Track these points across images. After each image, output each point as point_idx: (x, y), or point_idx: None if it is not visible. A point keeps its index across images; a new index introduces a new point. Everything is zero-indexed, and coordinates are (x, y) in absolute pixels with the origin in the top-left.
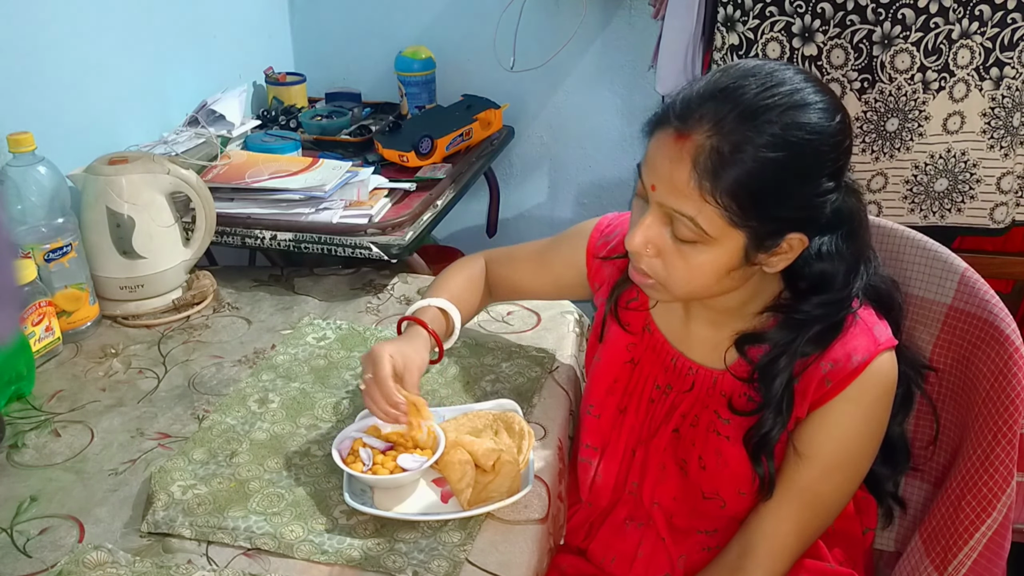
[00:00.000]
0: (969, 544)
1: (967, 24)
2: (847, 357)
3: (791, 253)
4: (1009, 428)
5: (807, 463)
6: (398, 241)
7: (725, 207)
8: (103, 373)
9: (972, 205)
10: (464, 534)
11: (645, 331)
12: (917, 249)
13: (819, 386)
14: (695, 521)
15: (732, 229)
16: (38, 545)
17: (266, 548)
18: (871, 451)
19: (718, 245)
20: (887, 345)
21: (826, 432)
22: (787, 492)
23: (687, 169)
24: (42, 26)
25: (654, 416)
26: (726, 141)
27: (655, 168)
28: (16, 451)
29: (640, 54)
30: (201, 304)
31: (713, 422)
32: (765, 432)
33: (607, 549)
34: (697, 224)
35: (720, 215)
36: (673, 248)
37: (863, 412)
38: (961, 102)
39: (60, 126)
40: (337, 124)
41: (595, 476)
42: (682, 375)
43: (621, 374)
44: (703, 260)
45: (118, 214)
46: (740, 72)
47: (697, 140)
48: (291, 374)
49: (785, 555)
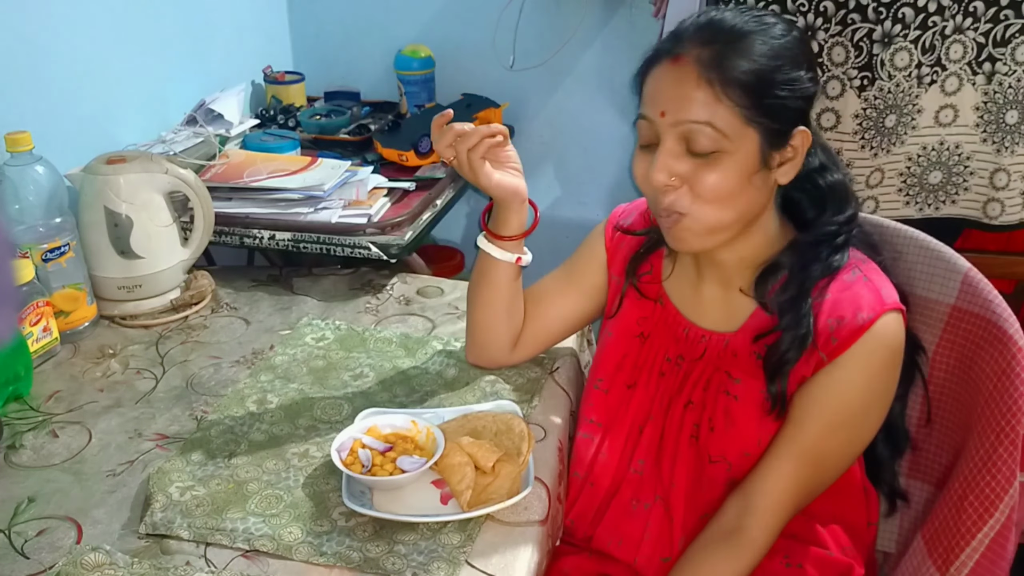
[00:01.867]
0: (971, 545)
1: (960, 19)
2: (853, 314)
3: (797, 157)
4: (1012, 428)
5: (811, 420)
6: (397, 241)
7: (736, 101)
8: (101, 374)
9: (966, 196)
10: (464, 536)
11: (657, 303)
12: (920, 249)
13: (825, 343)
14: (703, 498)
15: (746, 127)
16: (36, 546)
17: (265, 550)
18: (876, 412)
19: (736, 149)
20: (894, 306)
21: (831, 389)
22: (789, 448)
23: (693, 77)
24: (40, 25)
25: (664, 390)
26: (719, 44)
27: (660, 95)
28: (14, 452)
29: (641, 52)
30: (199, 304)
31: (724, 382)
32: (784, 350)
33: (613, 532)
34: (714, 127)
35: (732, 112)
36: (694, 169)
37: (870, 370)
38: (953, 95)
39: (58, 125)
40: (336, 123)
41: (597, 454)
42: (693, 344)
43: (631, 349)
44: (726, 168)
45: (116, 214)
46: (710, 11)
47: (694, 53)
48: (290, 375)
49: (783, 512)
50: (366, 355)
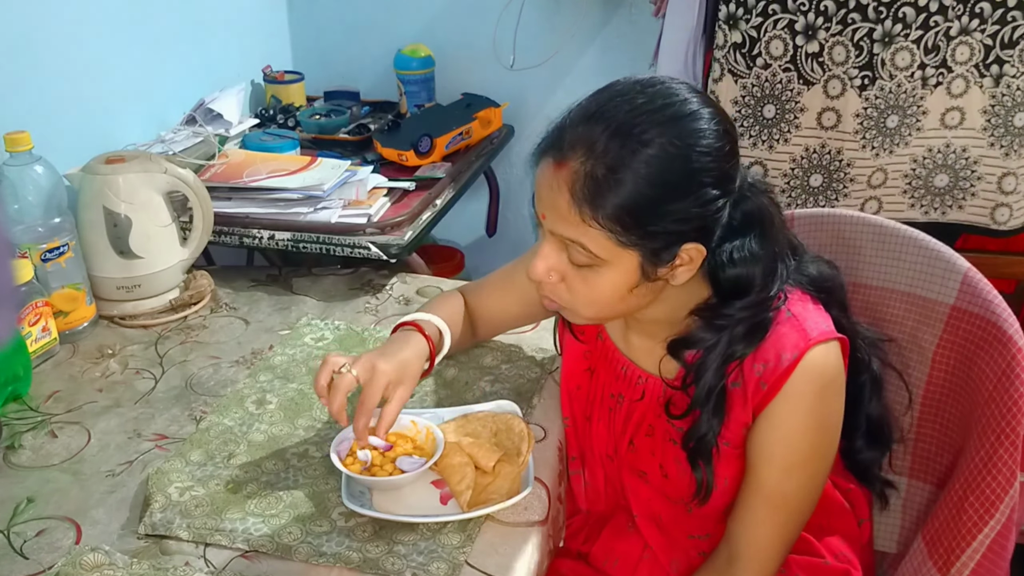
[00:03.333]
0: (972, 545)
1: (966, 21)
2: (777, 357)
3: (691, 264)
4: (1012, 429)
5: (765, 467)
6: (397, 241)
7: (609, 229)
8: (100, 374)
9: (973, 203)
10: (463, 536)
11: (598, 339)
12: (919, 249)
13: (756, 390)
14: (683, 526)
15: (622, 249)
16: (35, 547)
17: (264, 550)
18: (827, 443)
19: (612, 266)
20: (820, 338)
21: (773, 433)
22: (756, 497)
23: (566, 197)
24: (39, 25)
25: (614, 426)
26: (600, 164)
27: (541, 198)
28: (13, 452)
29: (641, 52)
30: (198, 304)
31: (668, 431)
32: (701, 435)
33: (609, 552)
34: (587, 248)
35: (606, 237)
36: (573, 273)
37: (805, 408)
38: (960, 98)
39: (57, 125)
40: (336, 123)
41: (585, 485)
42: (632, 384)
43: (582, 381)
44: (602, 282)
45: (115, 214)
46: (611, 93)
47: (572, 167)
48: (289, 375)
49: (771, 557)
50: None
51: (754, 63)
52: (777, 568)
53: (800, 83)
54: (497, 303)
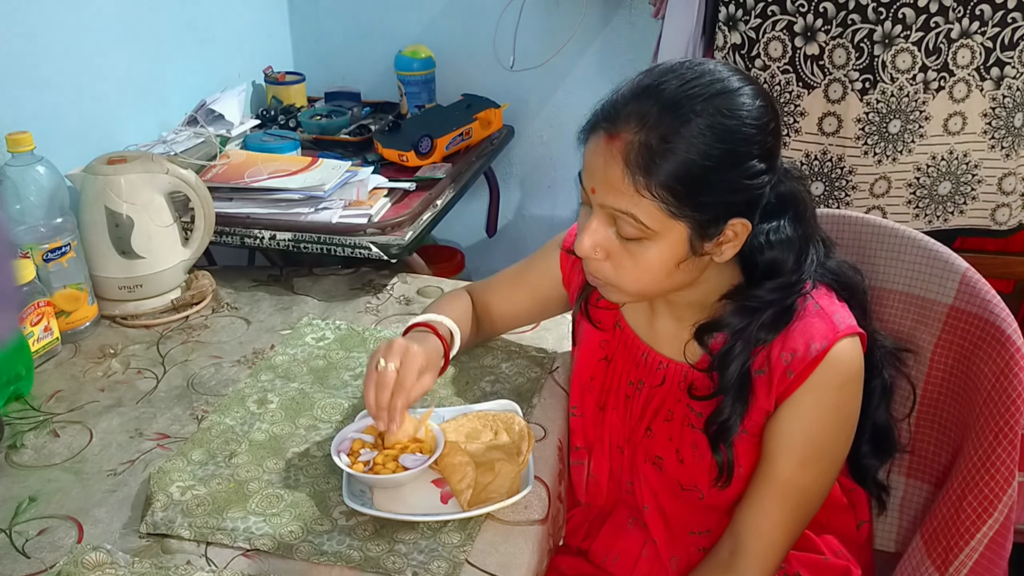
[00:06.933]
0: (970, 545)
1: (967, 23)
2: (806, 346)
3: (737, 240)
4: (1010, 428)
5: (782, 456)
6: (398, 241)
7: (661, 199)
8: (102, 373)
9: (974, 206)
10: (464, 535)
11: (616, 328)
12: (918, 249)
13: (782, 378)
14: (686, 521)
15: (672, 221)
16: (37, 546)
17: (265, 549)
18: (844, 439)
19: (662, 239)
20: (847, 332)
21: (795, 423)
22: (768, 487)
23: (620, 167)
24: (41, 25)
25: (632, 413)
26: (653, 135)
27: (592, 171)
28: (15, 451)
29: (640, 53)
30: (200, 304)
31: (687, 416)
32: (723, 419)
33: (609, 549)
34: (638, 220)
35: (658, 208)
36: (620, 248)
37: (829, 400)
38: (962, 102)
39: (59, 126)
40: (336, 123)
41: (588, 477)
42: (653, 370)
43: (597, 372)
44: (650, 256)
45: (117, 214)
46: (661, 71)
47: (626, 138)
48: (290, 374)
49: (775, 549)
50: (366, 355)
51: (753, 64)
52: (780, 563)
53: (800, 86)
54: (509, 300)
